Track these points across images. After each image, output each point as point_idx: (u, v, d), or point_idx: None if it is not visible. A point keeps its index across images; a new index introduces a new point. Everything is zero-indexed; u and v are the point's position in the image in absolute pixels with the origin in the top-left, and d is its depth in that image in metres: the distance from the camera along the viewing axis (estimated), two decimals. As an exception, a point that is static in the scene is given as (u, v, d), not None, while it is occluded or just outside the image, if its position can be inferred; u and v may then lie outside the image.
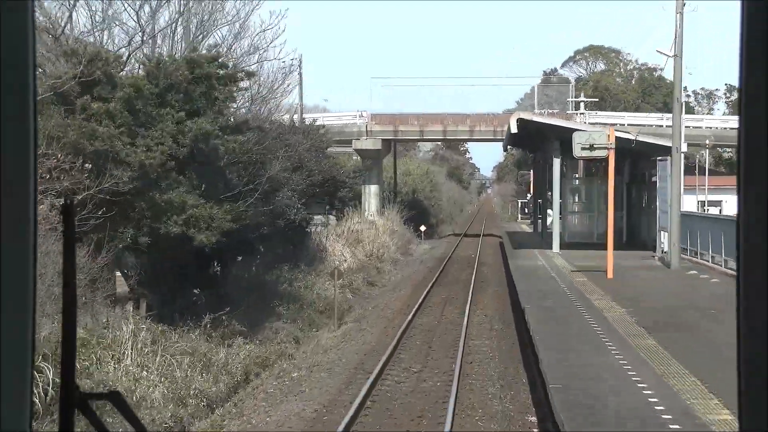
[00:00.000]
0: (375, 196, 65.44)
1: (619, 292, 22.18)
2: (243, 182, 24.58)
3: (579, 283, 24.72)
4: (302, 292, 30.31)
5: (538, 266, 30.07)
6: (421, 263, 47.53)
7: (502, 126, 64.11)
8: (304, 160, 33.73)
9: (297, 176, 32.36)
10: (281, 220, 30.26)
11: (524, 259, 32.76)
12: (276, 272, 31.16)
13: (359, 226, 46.04)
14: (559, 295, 22.02)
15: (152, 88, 21.05)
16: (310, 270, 33.53)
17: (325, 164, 38.45)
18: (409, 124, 64.70)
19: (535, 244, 40.12)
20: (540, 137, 38.08)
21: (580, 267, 28.66)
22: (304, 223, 34.69)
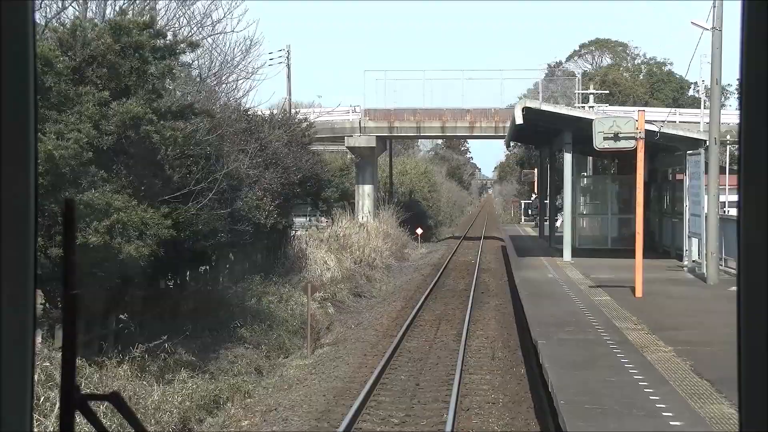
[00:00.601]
0: (369, 197, 60.99)
1: (656, 319, 17.52)
2: (193, 180, 20.05)
3: (602, 304, 19.95)
4: (273, 308, 25.79)
5: (549, 280, 25.53)
6: (416, 270, 43.03)
7: (504, 122, 59.59)
8: (280, 156, 29.18)
9: (270, 174, 27.84)
10: (246, 225, 25.74)
11: (531, 270, 28.14)
12: (245, 285, 26.65)
13: (348, 230, 41.50)
14: (581, 324, 17.28)
15: (67, 61, 16.54)
16: (285, 281, 29.01)
17: (307, 161, 33.91)
18: (405, 120, 60.15)
19: (541, 251, 35.56)
20: (547, 131, 33.57)
21: (600, 281, 24.09)
22: (281, 227, 30.18)
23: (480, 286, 34.64)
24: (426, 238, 64.91)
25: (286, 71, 55.61)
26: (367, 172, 61.17)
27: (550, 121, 29.95)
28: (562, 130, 29.26)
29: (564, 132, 28.74)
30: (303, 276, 30.91)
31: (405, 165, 72.97)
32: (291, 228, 34.92)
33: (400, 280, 39.22)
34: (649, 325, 16.69)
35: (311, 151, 37.23)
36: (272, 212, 27.14)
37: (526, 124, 29.40)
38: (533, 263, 30.47)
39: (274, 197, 27.93)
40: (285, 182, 29.85)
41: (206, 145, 20.82)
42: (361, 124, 59.95)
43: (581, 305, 19.55)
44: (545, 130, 33.53)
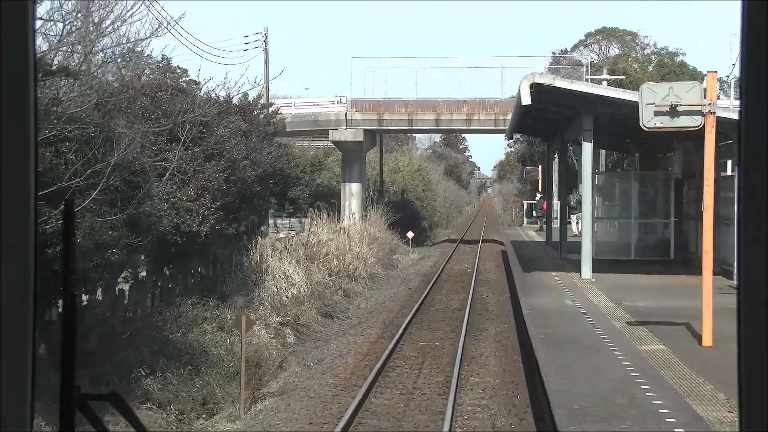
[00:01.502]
0: (356, 197, 54.72)
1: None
2: (68, 173, 13.81)
3: (658, 361, 13.22)
4: (208, 341, 19.52)
5: (568, 310, 18.98)
6: (403, 281, 36.73)
7: (505, 114, 53.29)
8: (226, 147, 22.85)
9: (212, 168, 21.56)
10: (175, 234, 19.52)
11: (542, 293, 21.64)
12: (173, 311, 20.41)
13: (324, 235, 35.19)
14: (639, 411, 10.55)
15: None
16: (231, 303, 22.74)
17: (268, 154, 27.61)
18: (395, 112, 53.84)
19: (551, 263, 29.14)
20: (558, 118, 27.38)
21: (638, 312, 17.39)
22: (230, 233, 23.89)
23: (477, 305, 28.37)
24: (419, 241, 58.65)
25: (264, 56, 49.30)
26: (354, 169, 54.93)
27: (565, 102, 23.71)
28: (579, 114, 23.06)
29: (582, 116, 22.50)
30: (257, 295, 24.62)
31: (397, 162, 66.67)
32: (256, 233, 28.62)
33: (384, 295, 32.93)
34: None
35: (278, 144, 30.86)
36: (209, 216, 20.84)
37: (534, 106, 23.16)
38: (543, 281, 24.10)
39: (216, 197, 21.64)
40: (235, 179, 23.57)
41: (89, 124, 14.52)
42: (348, 116, 53.71)
43: (627, 364, 12.60)
44: (555, 117, 27.34)
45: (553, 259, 30.80)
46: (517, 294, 22.33)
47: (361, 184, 54.78)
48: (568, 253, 29.77)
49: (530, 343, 14.90)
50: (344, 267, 35.75)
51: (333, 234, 36.02)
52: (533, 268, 27.20)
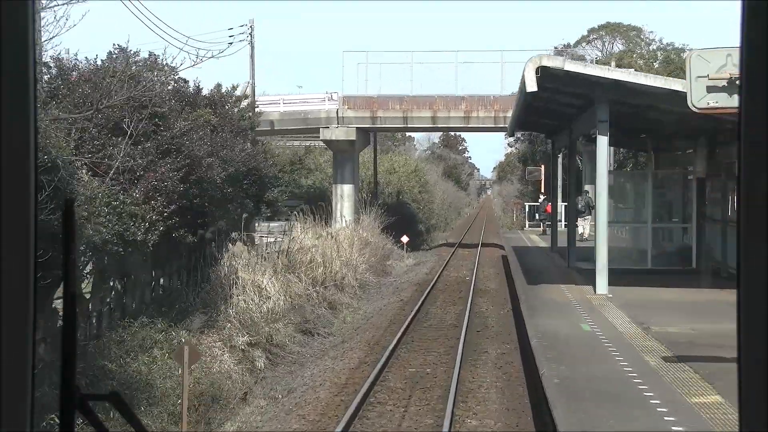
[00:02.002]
0: (349, 198, 51.51)
1: None
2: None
3: (722, 425, 9.52)
4: (153, 373, 16.24)
5: (586, 339, 15.15)
6: (395, 291, 33.48)
7: (505, 111, 50.02)
8: (185, 143, 19.53)
9: (164, 165, 18.27)
10: (116, 244, 16.26)
11: (552, 313, 18.09)
12: (117, 334, 17.20)
13: (307, 241, 31.93)
14: None
15: None
16: (190, 324, 19.49)
17: (241, 151, 24.32)
18: (390, 109, 50.60)
19: (559, 273, 25.65)
20: (565, 111, 24.10)
21: (674, 342, 13.59)
22: (189, 241, 20.59)
23: (475, 320, 25.13)
24: (415, 245, 55.41)
25: (249, 50, 46.05)
26: (347, 169, 51.72)
27: (576, 89, 20.38)
28: (592, 104, 19.72)
29: (596, 106, 19.14)
30: (224, 311, 21.35)
31: (393, 162, 63.38)
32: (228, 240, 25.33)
33: (373, 307, 29.70)
34: None
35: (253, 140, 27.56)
36: (158, 223, 17.57)
37: (539, 96, 19.93)
38: (552, 296, 20.70)
39: (171, 200, 18.36)
40: (196, 179, 20.31)
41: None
42: (339, 113, 50.50)
43: (674, 425, 9.22)
44: (563, 109, 24.10)
45: (560, 268, 27.44)
46: (521, 310, 18.95)
47: (354, 186, 51.58)
48: (577, 261, 26.49)
49: (543, 393, 11.54)
50: (331, 275, 32.54)
51: (318, 239, 32.73)
52: (539, 279, 23.87)
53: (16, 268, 2.06)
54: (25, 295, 2.08)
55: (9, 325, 2.06)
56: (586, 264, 25.01)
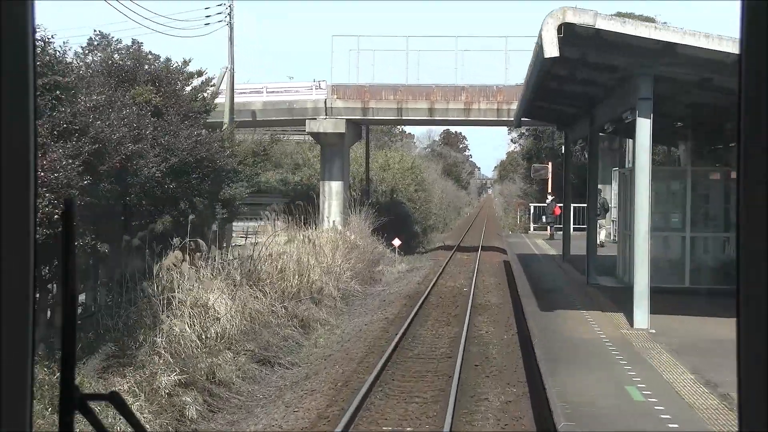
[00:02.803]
0: (337, 197, 46.67)
1: None
2: None
3: None
4: None
5: (641, 419, 9.81)
6: (382, 305, 28.59)
7: (509, 102, 45.18)
8: (90, 122, 14.62)
9: (58, 150, 13.37)
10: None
11: (580, 364, 12.25)
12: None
13: (280, 247, 27.04)
14: None
15: None
16: (84, 362, 14.59)
17: (186, 138, 19.43)
18: (383, 100, 45.72)
19: (578, 293, 20.06)
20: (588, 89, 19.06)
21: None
22: (102, 253, 15.68)
23: (473, 348, 20.27)
24: (410, 248, 50.55)
25: (228, 32, 41.13)
26: (335, 165, 46.85)
27: (608, 58, 15.35)
28: (629, 78, 14.73)
29: (637, 79, 14.11)
30: (149, 342, 16.43)
31: (388, 158, 58.45)
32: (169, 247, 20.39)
33: (353, 326, 24.84)
34: None
35: (203, 125, 22.60)
36: (43, 225, 12.68)
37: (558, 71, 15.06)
38: (576, 332, 15.47)
39: (60, 197, 13.44)
40: (106, 169, 15.41)
41: None
42: (327, 103, 45.64)
43: None
44: (584, 90, 19.13)
45: (577, 285, 22.34)
46: (536, 356, 13.81)
47: (343, 183, 46.73)
48: (600, 275, 21.56)
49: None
50: (307, 286, 27.71)
51: (293, 244, 27.82)
52: (554, 301, 18.85)
53: (15, 267, 2.01)
54: (25, 295, 2.04)
55: (9, 325, 2.02)
56: (610, 280, 20.16)
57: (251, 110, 45.28)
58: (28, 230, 2.05)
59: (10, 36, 2.01)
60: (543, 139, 54.53)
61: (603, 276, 21.30)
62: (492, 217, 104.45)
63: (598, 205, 34.40)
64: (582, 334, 15.07)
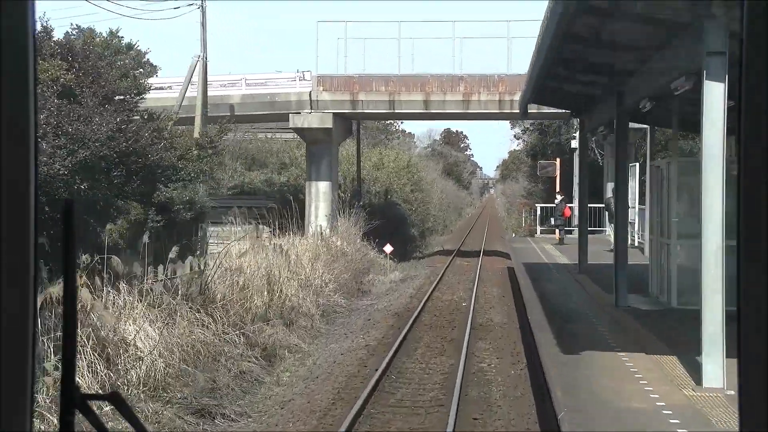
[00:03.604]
0: (325, 199, 42.18)
1: None
2: None
3: None
4: None
5: None
6: (365, 325, 24.07)
7: (512, 93, 40.60)
8: None
9: None
10: None
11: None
12: None
13: (243, 259, 22.47)
14: None
15: None
16: None
17: (103, 125, 14.90)
18: (373, 91, 41.20)
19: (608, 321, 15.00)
20: (623, 54, 14.36)
21: None
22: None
23: (472, 389, 15.77)
24: (406, 253, 46.07)
25: (200, 16, 36.61)
26: (323, 164, 42.36)
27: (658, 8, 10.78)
28: (688, 28, 10.29)
29: (703, 30, 9.64)
30: (38, 389, 11.79)
31: (382, 156, 53.88)
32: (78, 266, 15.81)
33: (327, 354, 20.34)
34: None
35: (130, 110, 17.96)
36: None
37: (581, 31, 10.48)
38: (617, 393, 10.21)
39: None
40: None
41: None
42: (312, 96, 41.15)
43: None
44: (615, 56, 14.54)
45: (605, 308, 17.23)
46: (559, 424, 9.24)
47: (331, 183, 42.25)
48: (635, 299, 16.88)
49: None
50: (278, 305, 23.29)
51: (254, 254, 23.27)
52: (578, 336, 14.06)
53: (15, 267, 2.00)
54: (26, 295, 2.02)
55: (9, 325, 2.00)
56: (643, 300, 15.71)
57: (229, 104, 40.80)
58: (28, 230, 2.02)
59: (10, 36, 1.99)
60: (549, 134, 49.94)
61: (633, 294, 16.76)
62: (494, 217, 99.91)
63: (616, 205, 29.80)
64: (629, 399, 10.27)
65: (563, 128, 48.09)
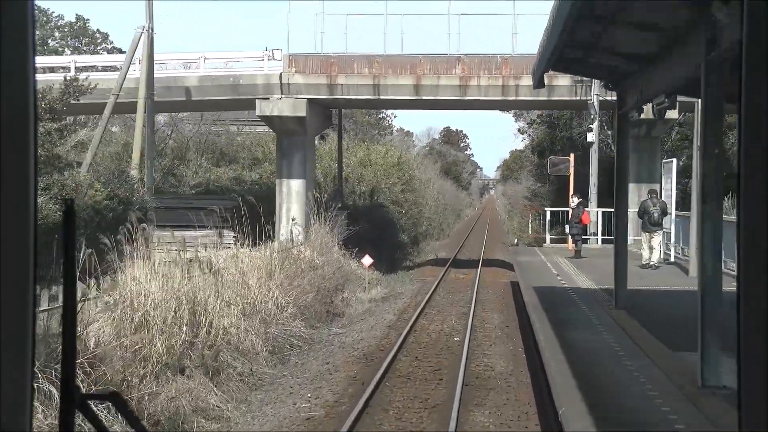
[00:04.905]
0: (298, 199, 35.66)
1: None
2: None
3: None
4: None
5: None
6: (319, 374, 17.49)
7: (518, 77, 34.10)
8: None
9: None
10: None
11: None
12: None
13: (138, 284, 15.83)
14: None
15: None
16: None
17: None
18: (355, 74, 34.66)
19: (691, 419, 9.54)
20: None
21: None
22: None
23: None
24: (394, 262, 39.58)
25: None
26: (296, 159, 35.82)
27: None
28: None
29: None
30: None
31: (370, 152, 47.22)
32: None
33: (255, 425, 13.78)
34: None
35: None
36: None
37: None
38: None
39: None
40: None
41: None
42: (283, 79, 34.63)
43: None
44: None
45: (681, 388, 9.82)
46: None
47: (306, 181, 35.66)
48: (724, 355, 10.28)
49: None
50: (205, 342, 16.86)
51: (162, 277, 16.64)
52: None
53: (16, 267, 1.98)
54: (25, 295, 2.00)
55: (9, 325, 1.99)
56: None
57: (184, 87, 34.23)
58: (28, 230, 2.01)
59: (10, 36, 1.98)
60: (559, 127, 43.31)
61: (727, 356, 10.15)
62: (495, 220, 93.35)
63: (657, 209, 23.31)
64: None
65: (576, 120, 41.49)
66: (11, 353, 1.98)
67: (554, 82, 33.60)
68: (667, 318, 12.67)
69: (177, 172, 40.14)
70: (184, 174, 40.40)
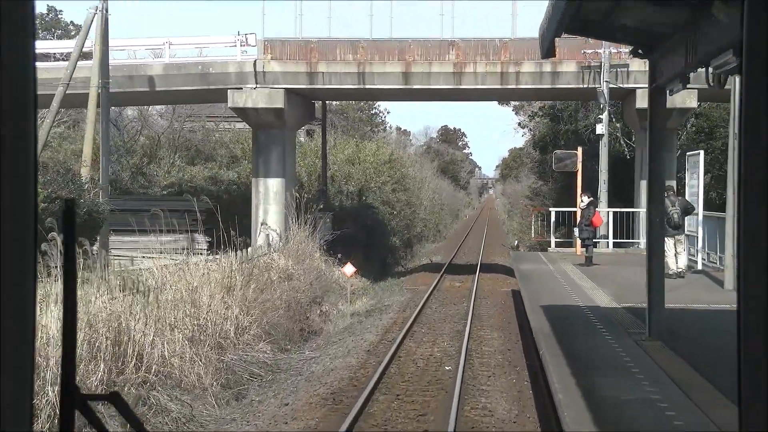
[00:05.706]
0: (276, 200, 32.02)
1: None
2: None
3: None
4: None
5: None
6: (275, 417, 13.69)
7: (518, 63, 30.46)
8: None
9: None
10: None
11: None
12: None
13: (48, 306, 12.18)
14: None
15: None
16: None
17: None
18: (338, 61, 30.99)
19: None
20: None
21: None
22: None
23: None
24: (385, 268, 35.98)
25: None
26: (273, 155, 32.17)
27: None
28: None
29: None
30: None
31: (359, 148, 43.52)
32: None
33: None
34: None
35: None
36: None
37: None
38: None
39: None
40: None
41: None
42: (258, 66, 30.97)
43: None
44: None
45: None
46: None
47: (285, 180, 32.00)
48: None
49: None
50: (134, 380, 13.28)
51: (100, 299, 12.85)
52: None
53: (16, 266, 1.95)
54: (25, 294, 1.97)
55: (9, 325, 1.95)
56: None
57: (148, 76, 30.54)
58: (28, 229, 1.98)
59: (10, 36, 1.96)
60: (562, 120, 39.63)
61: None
62: (494, 220, 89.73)
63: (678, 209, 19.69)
64: None
65: (581, 112, 37.82)
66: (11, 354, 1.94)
67: (559, 68, 30.02)
68: (719, 353, 9.09)
69: (147, 171, 36.51)
70: (155, 173, 36.76)
